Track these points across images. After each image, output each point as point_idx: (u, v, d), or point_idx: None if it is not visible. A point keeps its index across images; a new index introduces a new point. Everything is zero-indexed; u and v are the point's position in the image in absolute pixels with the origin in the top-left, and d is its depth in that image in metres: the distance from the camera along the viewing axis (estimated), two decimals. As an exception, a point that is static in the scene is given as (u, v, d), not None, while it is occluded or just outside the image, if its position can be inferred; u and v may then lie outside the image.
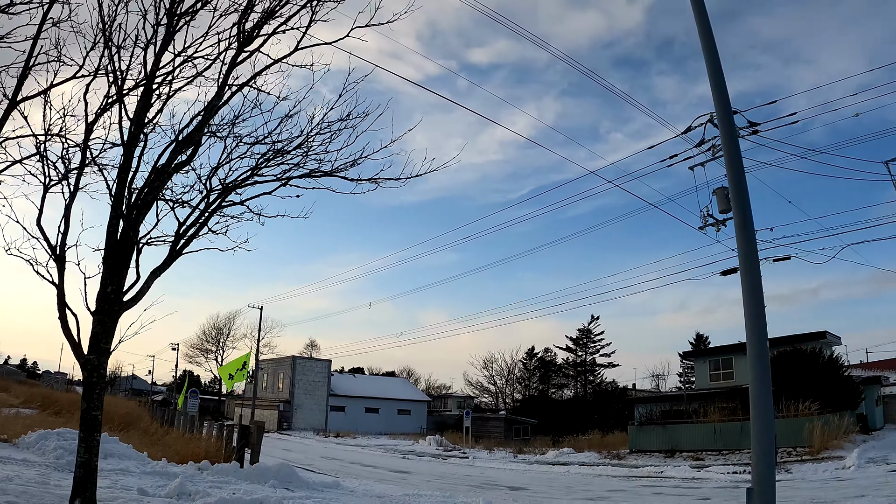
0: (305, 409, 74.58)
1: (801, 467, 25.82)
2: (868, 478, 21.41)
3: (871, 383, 47.62)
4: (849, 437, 32.08)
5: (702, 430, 36.60)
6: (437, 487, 21.72)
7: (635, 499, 20.24)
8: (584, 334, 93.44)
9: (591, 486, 24.57)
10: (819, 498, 17.73)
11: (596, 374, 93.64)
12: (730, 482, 24.06)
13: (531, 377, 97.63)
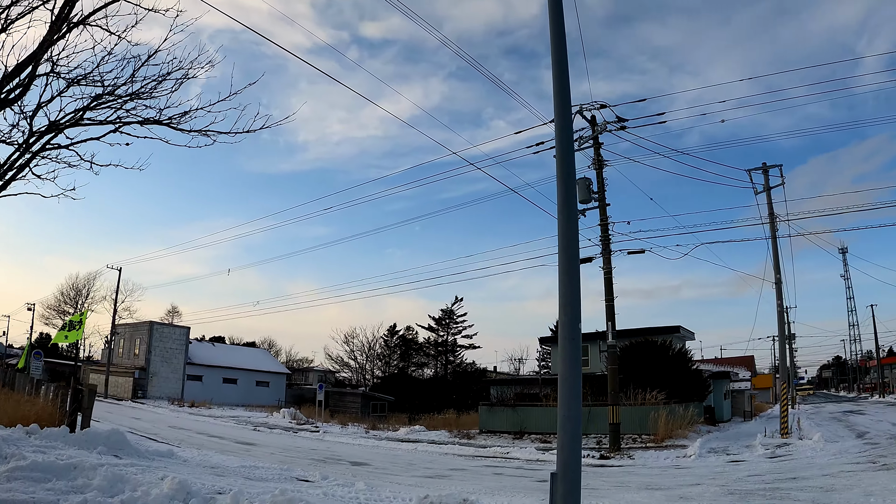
0: (161, 378, 71.89)
1: (644, 454, 26.11)
2: (706, 467, 21.73)
3: (720, 378, 49.09)
4: (693, 428, 32.82)
5: (550, 414, 36.78)
6: (278, 460, 21.34)
7: (475, 478, 19.97)
8: (446, 315, 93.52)
9: (434, 464, 24.32)
10: (655, 484, 17.84)
11: (456, 355, 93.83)
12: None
13: (392, 354, 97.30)
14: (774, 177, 34.25)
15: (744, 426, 42.20)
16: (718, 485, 16.83)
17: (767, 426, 36.08)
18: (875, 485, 14.73)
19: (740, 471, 19.97)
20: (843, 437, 28.97)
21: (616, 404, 28.44)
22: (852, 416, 48.44)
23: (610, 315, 28.71)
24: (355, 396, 69.90)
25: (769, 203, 34.05)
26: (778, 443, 28.05)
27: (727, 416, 50.38)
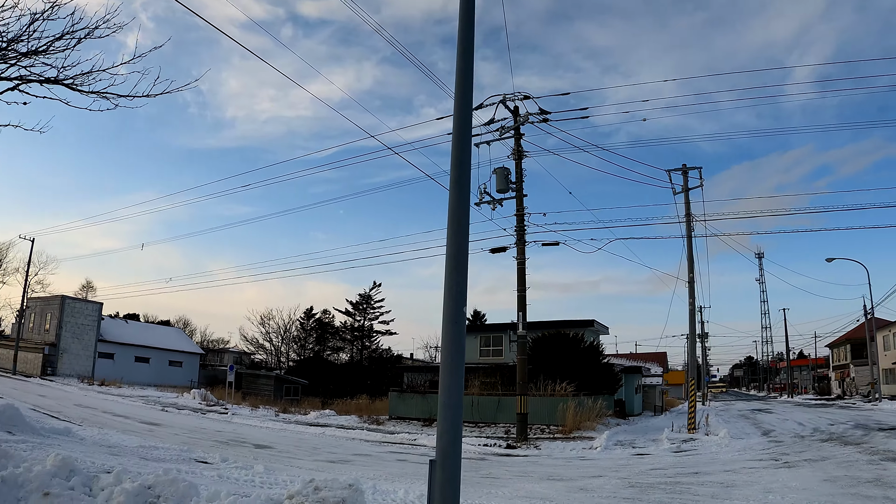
0: (72, 355, 69.31)
1: (551, 445, 25.91)
2: (611, 459, 21.56)
3: (632, 372, 49.47)
4: (602, 420, 32.83)
5: (459, 402, 36.57)
6: (181, 441, 20.65)
7: (378, 464, 19.57)
8: (364, 300, 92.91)
9: (339, 449, 23.84)
10: (558, 475, 17.55)
11: (372, 340, 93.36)
12: (476, 454, 23.80)
13: (308, 338, 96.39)
14: (694, 178, 34.51)
15: (653, 420, 42.50)
16: (620, 477, 16.62)
17: (676, 421, 36.24)
18: (775, 482, 14.63)
19: (644, 464, 19.82)
20: (749, 435, 29.15)
21: (524, 394, 28.19)
22: (760, 414, 49.10)
23: (521, 305, 28.41)
24: (268, 379, 68.22)
25: (686, 203, 34.28)
26: (684, 437, 28.07)
27: (638, 410, 50.77)
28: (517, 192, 28.79)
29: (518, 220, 28.79)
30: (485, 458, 22.52)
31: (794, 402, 79.93)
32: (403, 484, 14.44)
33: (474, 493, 13.80)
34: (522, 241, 28.67)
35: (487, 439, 27.96)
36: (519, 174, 28.93)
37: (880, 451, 19.46)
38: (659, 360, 71.25)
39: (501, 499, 13.31)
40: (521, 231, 28.68)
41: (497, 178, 28.53)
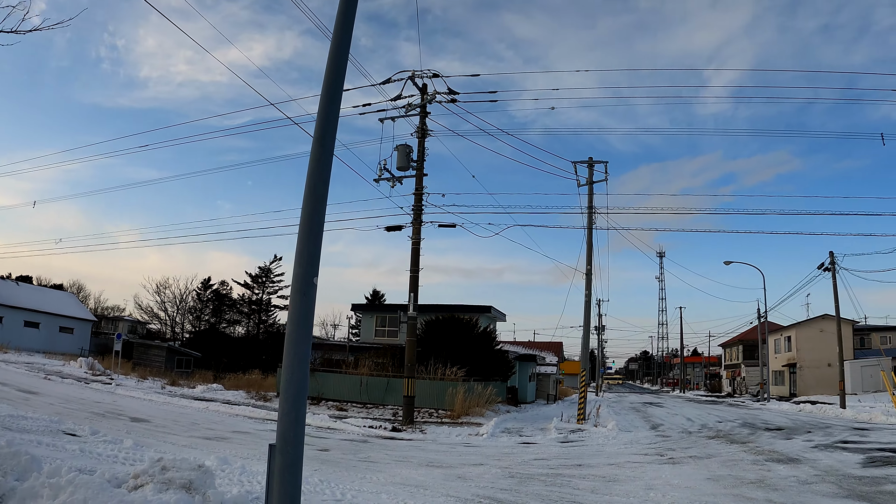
0: None
1: (437, 429, 25.36)
2: (496, 447, 21.01)
3: (527, 360, 49.36)
4: (493, 406, 32.49)
5: (349, 381, 35.94)
6: (55, 412, 19.72)
7: (254, 442, 18.78)
8: (264, 273, 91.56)
9: (219, 425, 22.99)
10: (438, 462, 16.93)
11: (270, 315, 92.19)
12: (359, 436, 23.18)
13: (204, 309, 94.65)
14: (599, 172, 34.35)
15: (545, 409, 42.33)
16: (502, 466, 16.07)
17: (567, 411, 36.06)
18: (658, 478, 14.21)
19: (528, 453, 19.28)
20: (638, 428, 29.01)
21: (412, 377, 27.53)
22: (651, 407, 49.43)
23: (413, 286, 27.73)
24: (160, 350, 66.65)
25: (590, 196, 34.08)
26: (573, 428, 27.77)
27: (531, 398, 50.68)
28: (418, 170, 28.07)
29: (416, 198, 28.07)
30: (367, 440, 21.84)
31: (686, 397, 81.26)
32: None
33: (348, 477, 13.18)
34: (419, 221, 27.97)
35: (374, 421, 27.27)
36: (421, 152, 28.20)
37: (765, 451, 19.23)
38: (555, 350, 71.24)
39: (375, 484, 12.62)
40: (419, 210, 27.96)
41: (398, 156, 27.84)
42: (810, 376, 67.93)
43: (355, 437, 22.27)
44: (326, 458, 16.45)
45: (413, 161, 27.93)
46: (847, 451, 18.58)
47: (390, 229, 28.51)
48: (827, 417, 35.49)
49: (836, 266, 45.59)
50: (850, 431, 25.50)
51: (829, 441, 21.69)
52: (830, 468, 15.31)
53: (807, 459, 17.03)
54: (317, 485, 11.55)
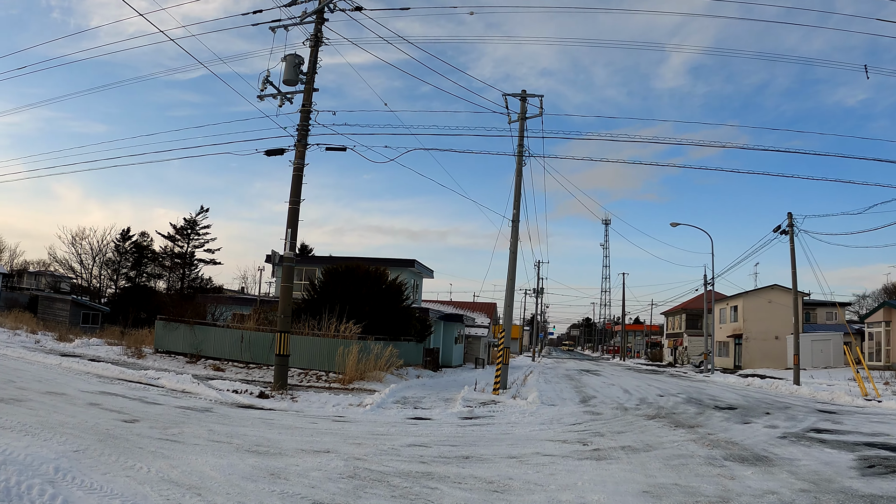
0: None
1: (315, 397, 20.43)
2: (373, 423, 16.17)
3: (452, 320, 44.95)
4: (395, 370, 28.09)
5: (230, 337, 31.05)
6: None
7: (52, 407, 14.23)
8: (189, 224, 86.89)
9: (42, 384, 18.64)
10: (272, 444, 12.09)
11: (194, 269, 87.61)
12: (209, 401, 18.61)
13: (122, 261, 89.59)
14: (533, 107, 29.56)
15: (468, 374, 37.56)
16: (354, 456, 11.32)
17: (487, 378, 31.63)
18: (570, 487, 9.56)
19: (408, 435, 14.41)
20: (566, 401, 24.39)
21: (286, 331, 22.66)
22: (587, 376, 45.05)
23: (292, 220, 23.02)
24: (65, 304, 64.19)
25: (521, 132, 29.60)
26: (485, 400, 23.06)
27: (457, 362, 46.38)
28: (307, 84, 23.41)
29: (302, 116, 23.29)
30: (211, 409, 17.03)
31: (626, 365, 77.77)
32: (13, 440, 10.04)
33: (112, 467, 9.33)
34: (304, 143, 23.16)
35: (246, 384, 22.43)
36: (313, 63, 23.49)
37: (721, 441, 14.64)
38: (488, 311, 66.65)
39: (133, 482, 8.64)
40: (304, 130, 23.15)
41: (286, 67, 23.19)
42: (756, 349, 65.20)
43: (200, 405, 17.55)
44: (120, 434, 12.04)
45: (303, 74, 23.28)
46: (828, 447, 13.99)
47: (270, 153, 23.72)
48: (782, 395, 31.31)
49: (795, 228, 41.16)
50: (817, 415, 21.08)
51: (799, 429, 17.20)
52: (819, 477, 10.69)
53: (781, 459, 12.38)
54: (44, 481, 8.11)
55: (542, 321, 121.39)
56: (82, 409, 14.71)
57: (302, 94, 23.46)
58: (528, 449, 13.04)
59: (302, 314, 29.98)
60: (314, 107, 23.41)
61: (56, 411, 13.95)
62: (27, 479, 8.03)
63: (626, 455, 12.56)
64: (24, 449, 9.54)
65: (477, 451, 12.63)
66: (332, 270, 33.06)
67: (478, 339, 55.42)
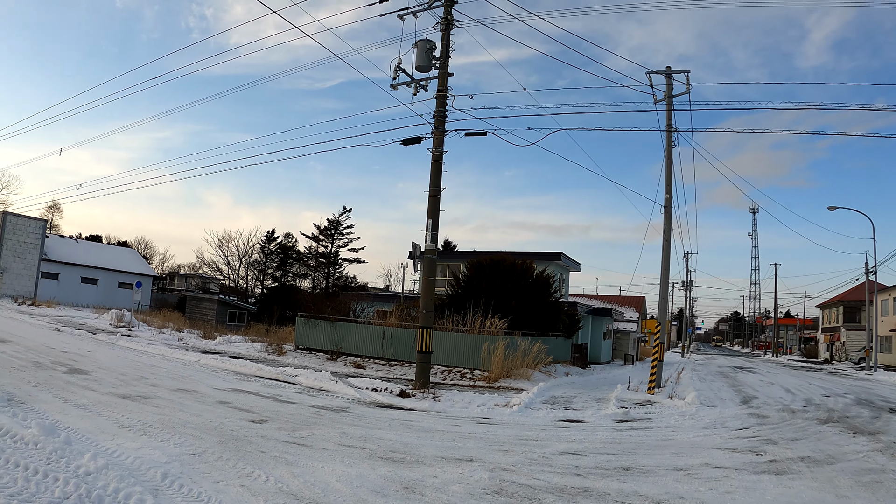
0: (13, 274, 64.37)
1: (458, 396, 19.26)
2: (521, 426, 14.89)
3: (600, 315, 43.20)
4: (543, 367, 26.61)
5: (371, 334, 30.23)
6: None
7: (178, 406, 13.68)
8: (332, 225, 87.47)
9: (174, 381, 18.39)
10: (409, 450, 11.06)
11: (338, 268, 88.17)
12: (347, 400, 17.85)
13: (268, 261, 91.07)
14: (679, 84, 27.66)
15: (618, 371, 35.85)
16: (501, 466, 10.15)
17: (640, 375, 30.12)
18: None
19: (560, 441, 13.09)
20: (725, 402, 22.59)
21: (428, 328, 21.59)
22: (742, 373, 42.63)
23: (433, 210, 21.98)
24: (211, 303, 65.81)
25: (668, 112, 27.69)
26: (640, 399, 21.49)
27: (606, 359, 44.66)
28: (441, 69, 22.34)
29: (438, 102, 22.23)
30: (347, 408, 16.12)
31: (779, 362, 74.37)
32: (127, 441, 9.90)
33: (228, 474, 8.59)
34: (441, 130, 22.07)
35: (386, 382, 21.53)
36: (445, 47, 22.42)
37: (912, 449, 12.89)
38: (637, 305, 64.63)
39: (242, 494, 7.79)
40: (441, 116, 22.07)
41: (418, 53, 22.20)
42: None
43: (336, 404, 16.67)
44: (244, 435, 11.35)
45: (435, 59, 22.25)
46: None
47: (407, 142, 22.72)
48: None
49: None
50: None
51: None
52: None
53: None
54: (145, 490, 7.46)
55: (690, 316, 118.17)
56: (209, 408, 14.04)
57: (436, 80, 22.44)
58: (694, 459, 11.58)
59: (445, 310, 28.89)
60: (450, 92, 22.30)
61: (182, 409, 13.42)
62: (127, 486, 7.37)
63: (807, 468, 10.99)
64: (136, 451, 9.08)
65: (638, 461, 11.25)
66: (477, 264, 31.91)
67: (626, 334, 53.50)
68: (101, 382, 16.63)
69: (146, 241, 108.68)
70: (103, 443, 9.56)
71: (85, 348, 25.87)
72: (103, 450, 9.10)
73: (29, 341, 25.81)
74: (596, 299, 61.10)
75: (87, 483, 7.32)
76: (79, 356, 22.60)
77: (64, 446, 8.64)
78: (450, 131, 22.31)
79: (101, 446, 9.31)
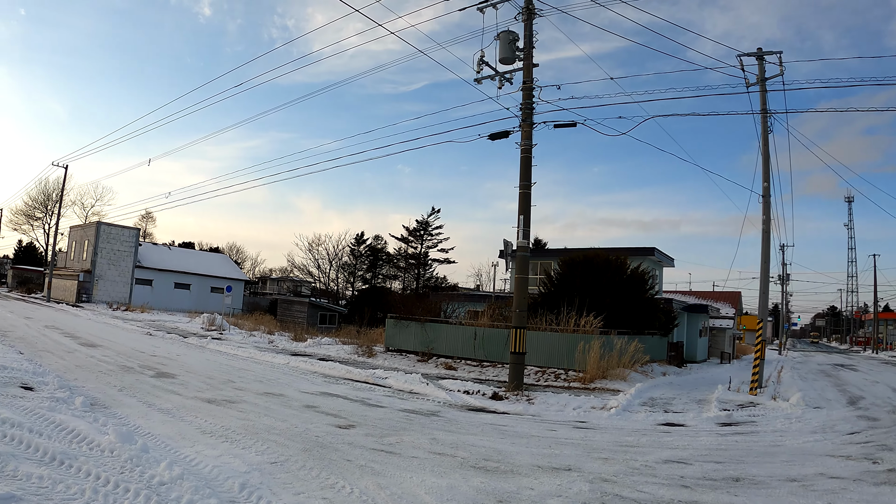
0: (108, 281, 66.67)
1: (553, 398, 18.53)
2: (619, 430, 14.19)
3: (696, 311, 41.87)
4: (640, 366, 25.84)
5: (462, 334, 29.58)
6: (79, 365, 18.64)
7: (262, 410, 13.42)
8: (421, 226, 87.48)
9: (261, 384, 18.23)
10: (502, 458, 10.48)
11: (428, 269, 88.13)
12: (437, 403, 17.35)
13: (358, 264, 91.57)
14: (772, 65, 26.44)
15: (714, 371, 34.55)
16: (601, 476, 9.49)
17: (739, 374, 28.99)
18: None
19: (661, 447, 12.34)
20: (831, 402, 21.43)
21: (521, 327, 20.87)
22: (843, 371, 41.03)
23: (524, 206, 21.28)
24: (302, 306, 67.00)
25: (762, 96, 26.39)
26: (742, 401, 20.49)
27: (702, 357, 43.32)
28: (525, 59, 21.67)
29: (525, 94, 21.54)
30: (438, 412, 15.61)
31: (880, 358, 71.54)
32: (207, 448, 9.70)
33: (302, 484, 8.23)
34: (529, 122, 21.38)
35: (478, 384, 20.93)
36: (529, 37, 21.77)
37: None
38: (732, 301, 62.84)
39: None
40: (529, 108, 21.38)
41: (500, 45, 21.62)
42: None
43: (426, 408, 16.16)
44: (330, 442, 10.93)
45: (519, 50, 21.66)
46: None
47: (494, 137, 22.09)
48: None
49: None
50: None
51: None
52: None
53: None
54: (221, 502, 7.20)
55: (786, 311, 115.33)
56: (296, 413, 13.67)
57: (521, 72, 21.78)
58: (808, 468, 10.75)
59: (538, 309, 28.14)
60: (536, 83, 21.60)
61: (267, 414, 13.10)
62: (201, 498, 7.06)
63: (934, 478, 10.10)
64: (215, 459, 8.80)
65: (747, 470, 10.47)
66: (569, 261, 31.10)
67: (722, 331, 51.90)
68: (187, 386, 16.52)
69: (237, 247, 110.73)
70: (182, 450, 9.29)
71: (174, 352, 25.98)
72: (181, 457, 8.80)
73: (119, 346, 26.00)
74: (689, 295, 59.65)
75: (160, 495, 6.98)
76: (167, 360, 22.65)
77: (140, 454, 8.36)
78: (538, 124, 21.63)
79: (180, 453, 9.04)
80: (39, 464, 7.50)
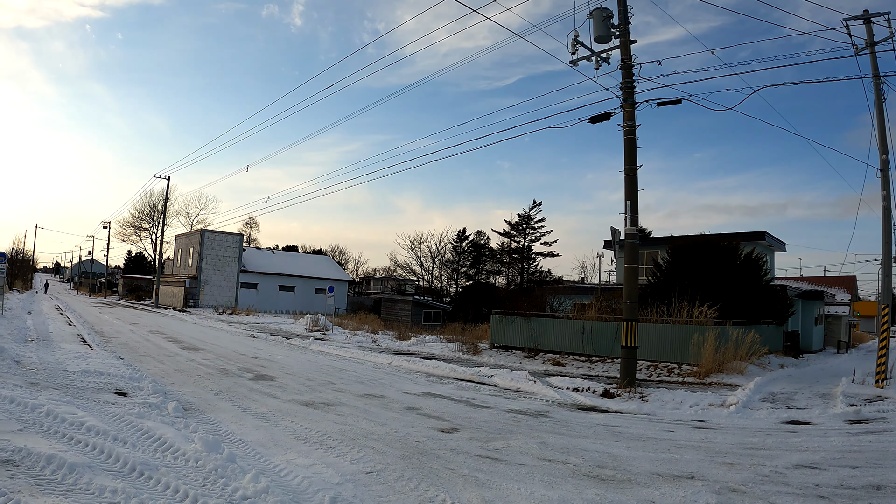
0: (214, 286, 69.14)
1: (668, 395, 17.51)
2: (741, 430, 13.13)
3: (811, 298, 40.08)
4: (758, 359, 24.46)
5: (570, 328, 28.57)
6: (178, 369, 18.84)
7: (363, 414, 12.90)
8: (524, 220, 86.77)
9: (362, 386, 17.80)
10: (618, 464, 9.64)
11: (531, 262, 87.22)
12: (546, 402, 16.61)
13: (461, 260, 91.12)
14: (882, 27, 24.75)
15: (833, 361, 32.77)
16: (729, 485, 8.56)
17: (861, 365, 27.26)
18: None
19: (789, 449, 11.26)
20: (969, 394, 19.92)
21: (632, 319, 19.78)
22: (978, 359, 38.76)
23: (631, 191, 20.31)
24: (406, 304, 67.51)
25: (872, 59, 24.70)
26: (869, 395, 19.02)
27: (818, 346, 41.41)
28: (622, 37, 20.54)
29: (624, 73, 20.44)
30: (546, 412, 14.85)
31: None
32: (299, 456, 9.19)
33: (398, 497, 7.56)
34: (631, 102, 20.29)
35: (587, 380, 20.06)
36: (623, 12, 20.63)
37: None
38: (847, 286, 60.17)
39: None
40: (629, 88, 20.28)
41: (594, 24, 20.58)
42: None
43: (534, 407, 15.43)
44: (431, 448, 10.26)
45: (614, 27, 20.62)
46: None
47: (595, 119, 21.08)
48: None
49: None
50: None
51: None
52: None
53: None
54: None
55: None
56: (396, 415, 13.09)
57: (618, 50, 20.72)
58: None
59: (648, 299, 27.02)
60: (634, 60, 20.53)
61: (366, 417, 12.61)
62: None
63: None
64: (307, 468, 8.27)
65: (888, 476, 9.32)
66: (678, 248, 29.88)
67: (838, 318, 49.60)
68: (285, 389, 16.25)
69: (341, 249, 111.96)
70: (272, 458, 8.77)
71: (275, 353, 26.02)
72: (269, 467, 8.27)
73: (221, 349, 26.32)
74: (801, 281, 57.40)
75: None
76: (267, 362, 22.63)
77: (226, 464, 7.84)
78: (640, 103, 20.54)
79: (269, 462, 8.54)
80: (116, 476, 7.08)
